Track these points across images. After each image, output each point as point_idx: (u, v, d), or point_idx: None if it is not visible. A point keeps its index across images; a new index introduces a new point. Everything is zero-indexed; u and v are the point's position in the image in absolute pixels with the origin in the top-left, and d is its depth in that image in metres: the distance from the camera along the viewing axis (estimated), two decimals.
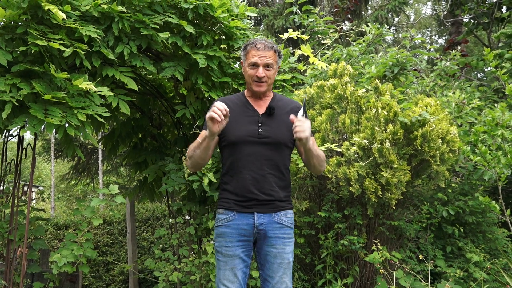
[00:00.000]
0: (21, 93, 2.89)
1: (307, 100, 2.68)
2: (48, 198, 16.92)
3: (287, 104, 2.77)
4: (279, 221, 2.65)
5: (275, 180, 2.65)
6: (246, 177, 2.60)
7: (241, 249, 2.63)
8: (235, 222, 2.62)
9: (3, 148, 3.93)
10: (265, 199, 2.62)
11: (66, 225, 8.95)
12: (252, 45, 2.64)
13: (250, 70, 2.64)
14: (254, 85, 2.65)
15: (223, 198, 2.70)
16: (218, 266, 2.67)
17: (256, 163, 2.61)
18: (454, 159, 4.80)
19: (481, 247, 5.22)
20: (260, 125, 2.64)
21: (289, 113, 2.61)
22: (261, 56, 2.60)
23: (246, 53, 2.67)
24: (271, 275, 2.64)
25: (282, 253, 2.64)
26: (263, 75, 2.61)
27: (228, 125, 2.54)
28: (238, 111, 2.67)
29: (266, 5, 14.37)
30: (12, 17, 2.94)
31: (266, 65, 2.62)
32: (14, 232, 3.70)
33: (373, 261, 4.33)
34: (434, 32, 27.32)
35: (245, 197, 2.62)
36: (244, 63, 2.71)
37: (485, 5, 8.76)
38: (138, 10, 3.44)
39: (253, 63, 2.61)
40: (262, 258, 2.68)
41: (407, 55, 5.67)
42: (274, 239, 2.64)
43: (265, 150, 2.61)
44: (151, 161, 4.63)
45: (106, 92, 3.18)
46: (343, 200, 4.88)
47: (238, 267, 2.61)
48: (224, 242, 2.63)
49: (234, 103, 2.72)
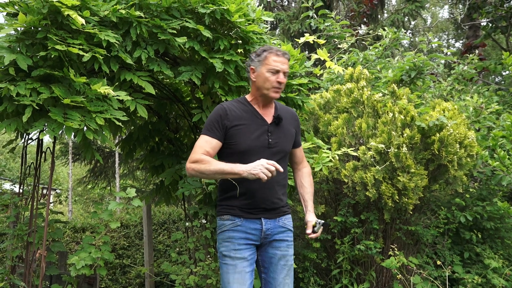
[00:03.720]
0: (41, 97, 2.93)
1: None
2: (65, 201, 17.11)
3: (287, 113, 2.86)
4: (283, 225, 2.76)
5: (280, 188, 2.74)
6: (255, 187, 2.64)
7: (248, 252, 2.66)
8: (242, 226, 2.66)
9: (22, 151, 3.98)
10: (272, 207, 2.71)
11: (83, 228, 9.03)
12: (270, 51, 2.66)
13: (271, 76, 2.64)
14: (272, 91, 2.66)
15: (227, 205, 2.72)
16: (226, 270, 2.64)
17: None
18: (472, 164, 4.75)
19: (500, 253, 5.15)
20: (270, 134, 2.68)
21: (291, 122, 2.84)
22: (282, 63, 2.64)
23: (264, 59, 2.66)
24: (274, 277, 2.70)
25: (286, 255, 2.74)
26: (284, 80, 2.66)
27: (238, 134, 2.60)
28: (248, 118, 2.68)
29: (282, 10, 14.38)
30: (32, 22, 2.99)
31: (285, 72, 2.66)
32: (33, 235, 3.74)
33: (390, 266, 4.30)
34: (451, 35, 27.12)
35: (253, 206, 2.67)
36: (259, 68, 2.69)
37: (503, 8, 8.67)
38: (155, 15, 3.47)
39: (275, 69, 2.63)
40: (266, 261, 2.74)
41: (424, 59, 5.63)
42: (279, 242, 2.73)
43: (273, 159, 2.62)
44: (167, 165, 4.65)
45: (124, 96, 3.21)
46: (360, 204, 4.86)
47: (247, 270, 2.63)
48: (233, 246, 2.64)
49: (242, 110, 2.72)
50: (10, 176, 21.01)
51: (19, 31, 3.10)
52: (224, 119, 2.65)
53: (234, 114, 2.67)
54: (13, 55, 2.93)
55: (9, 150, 3.80)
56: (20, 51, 3.00)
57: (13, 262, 4.01)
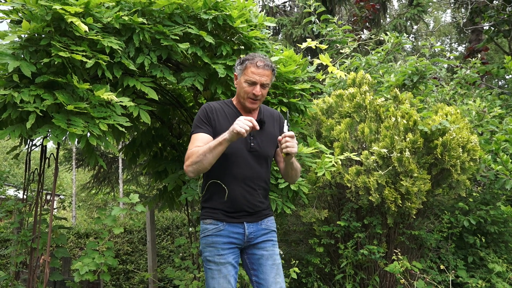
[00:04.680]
0: (45, 103, 2.94)
1: None
2: (69, 207, 17.13)
3: (271, 115, 2.84)
4: (266, 227, 2.77)
5: (262, 192, 2.75)
6: (237, 191, 2.66)
7: (232, 256, 2.67)
8: (225, 230, 2.67)
9: (26, 157, 4.00)
10: (254, 211, 2.72)
11: (87, 234, 9.05)
12: (252, 61, 2.63)
13: (247, 87, 2.63)
14: (248, 102, 2.66)
15: (209, 208, 2.73)
16: (210, 275, 2.65)
17: (248, 176, 2.67)
18: (475, 168, 4.74)
19: (504, 257, 5.14)
20: (252, 138, 2.68)
21: (274, 125, 2.81)
22: (261, 75, 2.61)
23: (244, 68, 2.65)
24: (265, 278, 2.68)
25: (273, 254, 2.74)
26: (260, 93, 2.62)
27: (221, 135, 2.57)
28: (231, 121, 2.60)
29: (284, 15, 14.41)
30: (36, 29, 3.01)
31: (263, 84, 2.63)
32: (37, 241, 3.75)
33: (393, 271, 4.29)
34: (453, 39, 27.13)
35: (235, 209, 2.68)
36: (239, 76, 2.69)
37: (506, 12, 8.67)
38: (158, 22, 3.49)
39: (251, 81, 2.61)
40: (254, 262, 2.73)
41: (427, 63, 5.63)
42: (264, 242, 2.74)
43: (254, 163, 2.67)
44: (171, 170, 4.66)
45: (127, 102, 3.23)
46: (363, 209, 4.85)
47: (231, 274, 2.64)
48: (216, 250, 2.65)
49: (227, 112, 2.73)
50: (14, 182, 21.05)
51: (23, 38, 3.12)
52: (209, 113, 2.68)
53: (219, 113, 2.70)
54: (17, 62, 2.95)
55: (13, 156, 3.82)
56: (24, 58, 3.03)
57: (17, 268, 4.02)
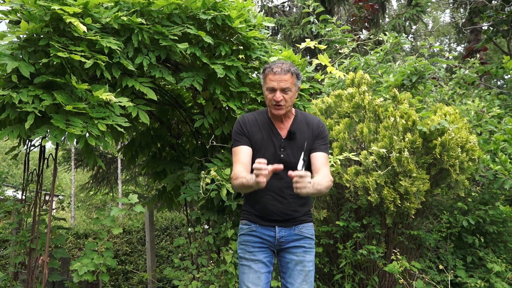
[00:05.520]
0: (43, 104, 2.95)
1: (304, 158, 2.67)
2: (68, 207, 17.12)
3: (307, 124, 2.80)
4: (299, 232, 2.78)
5: (295, 200, 2.75)
6: (267, 198, 2.72)
7: (264, 255, 2.75)
8: (257, 232, 2.76)
9: (25, 158, 3.99)
10: (286, 219, 2.76)
11: (86, 234, 9.04)
12: (269, 69, 2.66)
13: (269, 94, 2.66)
14: (273, 109, 2.69)
15: (245, 210, 2.84)
16: (242, 270, 2.77)
17: (277, 185, 2.70)
18: (474, 168, 4.75)
19: (503, 257, 5.14)
20: (282, 150, 2.71)
21: (308, 133, 2.75)
22: (278, 80, 2.62)
23: (264, 77, 2.69)
24: (291, 282, 2.74)
25: (303, 260, 2.75)
26: (281, 98, 2.63)
27: (257, 146, 2.69)
28: (265, 133, 2.73)
29: (283, 15, 14.41)
30: (34, 29, 3.01)
31: (283, 89, 2.63)
32: (35, 241, 3.75)
33: (392, 271, 4.29)
34: (452, 39, 27.13)
35: (265, 215, 2.75)
36: (263, 85, 2.73)
37: (504, 12, 8.67)
38: (157, 22, 3.49)
39: (270, 87, 2.64)
40: (284, 266, 2.79)
41: (425, 63, 5.64)
42: (295, 248, 2.77)
43: (284, 173, 2.63)
44: (169, 171, 4.66)
45: (126, 102, 3.23)
46: (362, 209, 4.85)
47: (262, 271, 2.72)
48: (247, 248, 2.76)
49: (260, 123, 2.77)
50: (12, 182, 21.04)
51: (22, 39, 3.12)
52: (243, 126, 2.74)
53: (252, 124, 2.76)
54: (16, 63, 2.95)
55: (12, 156, 3.82)
56: (22, 59, 3.03)
57: (16, 268, 4.01)
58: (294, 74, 2.68)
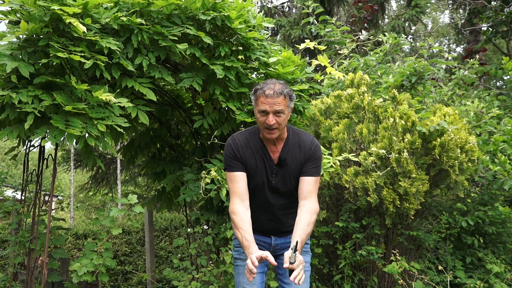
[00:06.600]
0: (43, 104, 2.95)
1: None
2: (67, 208, 17.10)
3: (298, 146, 2.70)
4: None
5: (290, 216, 2.72)
6: (262, 218, 2.77)
7: None
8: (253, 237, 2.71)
9: (24, 158, 3.99)
10: (281, 232, 2.83)
11: (85, 235, 9.04)
12: (261, 90, 2.53)
13: (261, 117, 2.53)
14: (265, 132, 2.57)
15: None
16: (237, 271, 2.80)
17: (270, 208, 2.75)
18: (473, 169, 4.75)
19: (502, 257, 5.14)
20: (274, 176, 2.68)
21: (300, 155, 2.66)
22: (271, 104, 2.48)
23: (256, 99, 2.56)
24: (288, 282, 2.75)
25: None
26: (273, 122, 2.50)
27: (251, 172, 2.65)
28: (258, 159, 2.66)
29: (283, 16, 14.41)
30: (34, 30, 3.01)
31: (276, 112, 2.50)
32: (35, 241, 3.75)
33: (391, 271, 4.29)
34: (452, 40, 27.14)
35: (261, 230, 2.80)
36: (254, 107, 2.59)
37: (504, 13, 8.68)
38: (156, 22, 3.49)
39: (262, 110, 2.51)
40: (280, 267, 2.78)
41: (425, 64, 5.64)
42: None
43: (277, 197, 2.72)
44: (169, 171, 4.66)
45: (125, 103, 3.23)
46: (361, 210, 4.85)
47: (257, 271, 2.65)
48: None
49: (253, 146, 2.68)
50: (12, 183, 21.03)
51: (21, 39, 3.12)
52: (236, 152, 2.65)
53: (245, 147, 2.67)
54: (15, 63, 2.95)
55: (11, 157, 3.82)
56: (22, 59, 3.03)
57: (15, 269, 4.01)
58: (287, 96, 2.54)
